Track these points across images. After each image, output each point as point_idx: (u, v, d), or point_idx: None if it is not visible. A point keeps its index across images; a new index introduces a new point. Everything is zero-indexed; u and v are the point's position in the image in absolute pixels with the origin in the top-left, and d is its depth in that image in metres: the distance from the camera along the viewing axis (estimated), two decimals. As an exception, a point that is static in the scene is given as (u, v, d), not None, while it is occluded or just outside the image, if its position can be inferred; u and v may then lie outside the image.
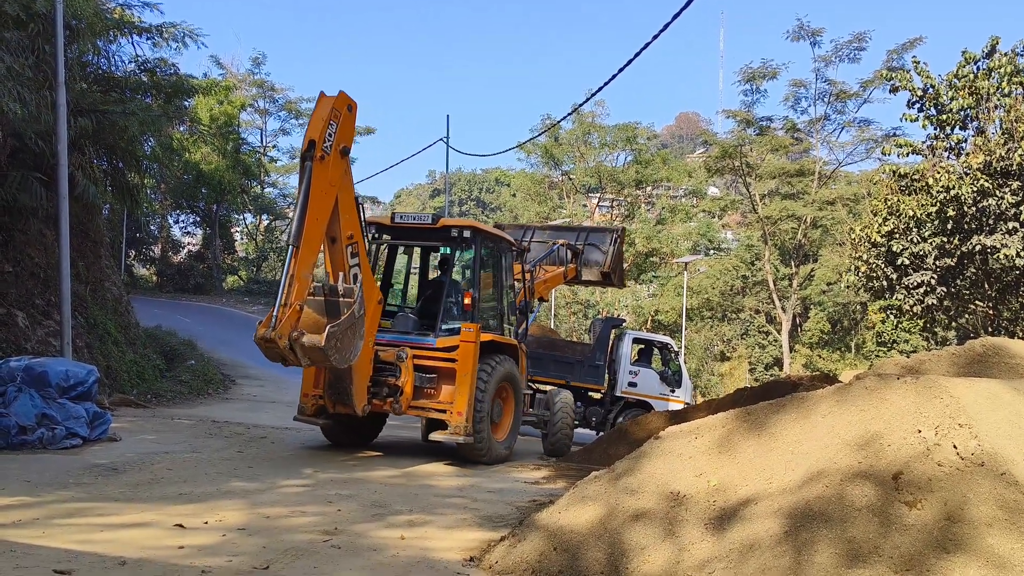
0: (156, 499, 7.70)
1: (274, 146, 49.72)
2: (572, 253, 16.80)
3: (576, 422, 18.99)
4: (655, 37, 13.98)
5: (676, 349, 20.68)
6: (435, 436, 11.34)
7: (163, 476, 8.90)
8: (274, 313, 9.19)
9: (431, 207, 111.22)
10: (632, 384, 18.96)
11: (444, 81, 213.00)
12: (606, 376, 18.88)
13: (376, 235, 12.14)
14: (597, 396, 19.21)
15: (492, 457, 11.52)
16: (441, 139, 33.35)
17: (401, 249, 13.22)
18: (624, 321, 28.44)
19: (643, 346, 20.14)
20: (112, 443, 10.88)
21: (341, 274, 10.17)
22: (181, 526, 6.69)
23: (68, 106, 14.26)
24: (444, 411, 11.12)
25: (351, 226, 10.29)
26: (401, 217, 12.24)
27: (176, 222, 52.43)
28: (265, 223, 56.79)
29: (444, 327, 11.51)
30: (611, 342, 19.10)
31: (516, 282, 13.33)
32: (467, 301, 11.48)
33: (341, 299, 9.65)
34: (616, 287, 19.41)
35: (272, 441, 12.26)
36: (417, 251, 13.62)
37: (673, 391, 19.17)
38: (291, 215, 10.17)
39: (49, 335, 15.20)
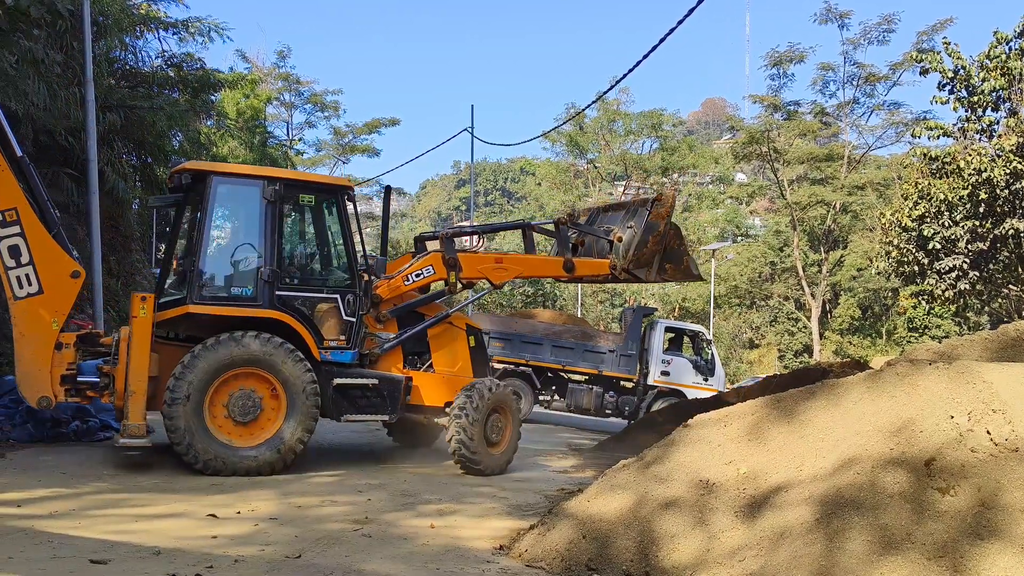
0: (189, 490, 7.79)
1: (300, 139, 50.00)
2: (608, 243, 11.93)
3: (579, 409, 19.00)
4: (680, 22, 13.87)
5: (709, 337, 20.67)
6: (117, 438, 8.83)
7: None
8: None
9: (456, 198, 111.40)
10: (665, 373, 19.01)
11: (468, 71, 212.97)
12: (638, 365, 18.91)
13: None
14: (629, 385, 19.26)
15: (217, 467, 8.65)
16: (466, 129, 33.30)
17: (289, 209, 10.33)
18: (655, 310, 28.40)
19: (675, 335, 20.11)
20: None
21: None
22: (214, 516, 6.77)
23: (96, 102, 14.41)
24: None
25: None
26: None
27: (205, 215, 52.85)
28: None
29: (165, 300, 9.42)
30: (643, 331, 19.12)
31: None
32: (175, 266, 9.33)
33: None
34: (655, 281, 12.86)
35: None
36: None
37: (706, 380, 19.17)
38: None
39: (82, 329, 15.36)
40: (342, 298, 9.69)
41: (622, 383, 19.18)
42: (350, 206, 10.03)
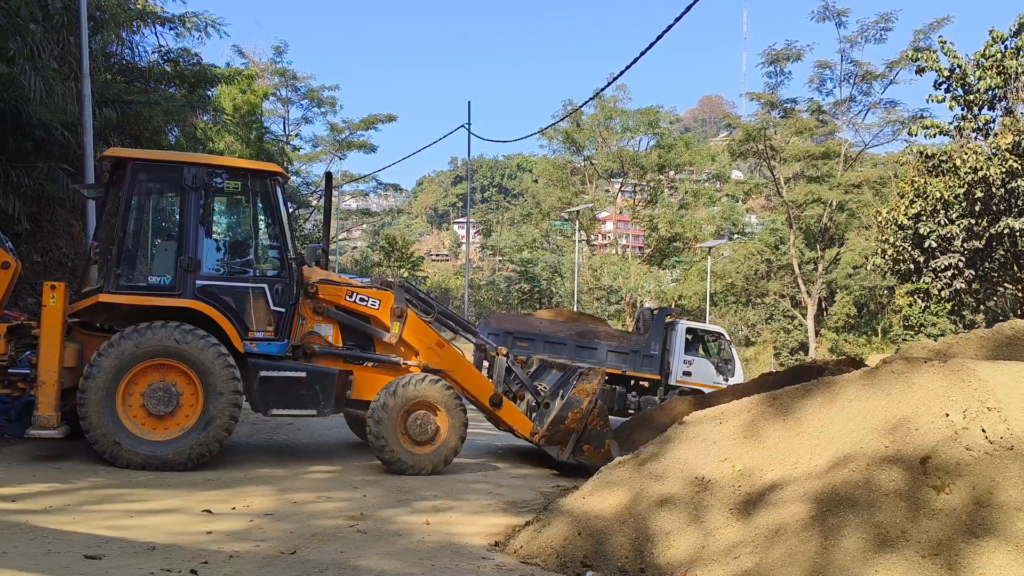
0: (184, 485, 7.78)
1: (297, 134, 49.93)
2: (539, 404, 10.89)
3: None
4: (677, 20, 13.88)
5: (729, 339, 20.77)
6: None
7: (191, 463, 8.98)
8: None
9: (453, 194, 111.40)
10: (687, 373, 19.11)
11: (466, 68, 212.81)
12: (660, 366, 18.99)
13: None
14: (646, 385, 19.32)
15: (128, 459, 8.32)
16: (463, 126, 33.39)
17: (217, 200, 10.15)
18: (673, 309, 28.44)
19: (694, 336, 20.17)
20: (141, 430, 10.97)
21: None
22: (209, 512, 6.77)
23: (93, 97, 14.36)
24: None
25: None
26: None
27: (201, 211, 52.72)
28: (289, 211, 56.85)
29: (89, 289, 9.08)
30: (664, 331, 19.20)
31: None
32: (92, 255, 9.14)
33: None
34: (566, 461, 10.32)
35: (298, 428, 12.34)
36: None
37: (727, 380, 19.24)
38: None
39: (77, 324, 15.32)
40: (270, 287, 9.21)
41: (642, 383, 19.24)
42: (280, 193, 9.60)
